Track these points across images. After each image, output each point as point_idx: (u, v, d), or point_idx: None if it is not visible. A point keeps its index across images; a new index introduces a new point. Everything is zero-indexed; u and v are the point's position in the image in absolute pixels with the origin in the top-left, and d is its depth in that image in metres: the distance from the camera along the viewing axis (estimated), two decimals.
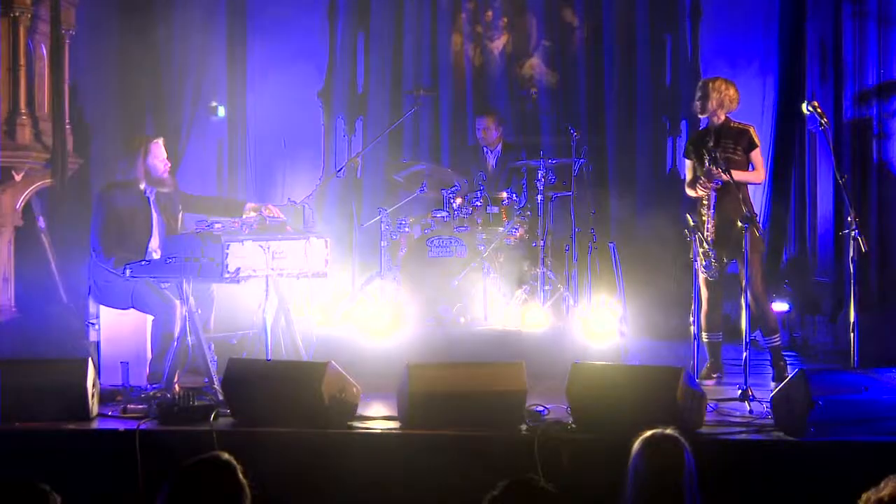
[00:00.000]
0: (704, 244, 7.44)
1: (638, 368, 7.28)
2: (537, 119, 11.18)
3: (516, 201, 9.48)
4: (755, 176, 7.94)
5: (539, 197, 9.09)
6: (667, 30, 11.02)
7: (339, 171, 10.42)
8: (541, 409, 6.50)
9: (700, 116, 8.07)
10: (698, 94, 7.97)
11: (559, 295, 9.01)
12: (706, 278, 7.66)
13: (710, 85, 7.90)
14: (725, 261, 7.78)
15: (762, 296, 7.83)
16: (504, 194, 9.45)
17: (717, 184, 7.64)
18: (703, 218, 7.66)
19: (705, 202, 7.69)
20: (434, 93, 11.09)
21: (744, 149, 7.83)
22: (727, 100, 7.87)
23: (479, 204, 9.30)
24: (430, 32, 11.32)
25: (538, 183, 9.10)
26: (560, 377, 6.47)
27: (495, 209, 9.35)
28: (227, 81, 11.44)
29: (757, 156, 7.90)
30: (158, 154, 7.66)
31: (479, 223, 9.29)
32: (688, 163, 8.09)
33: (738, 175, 7.67)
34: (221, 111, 11.42)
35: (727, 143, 7.77)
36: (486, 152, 10.17)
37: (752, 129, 7.94)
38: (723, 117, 7.88)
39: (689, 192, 8.05)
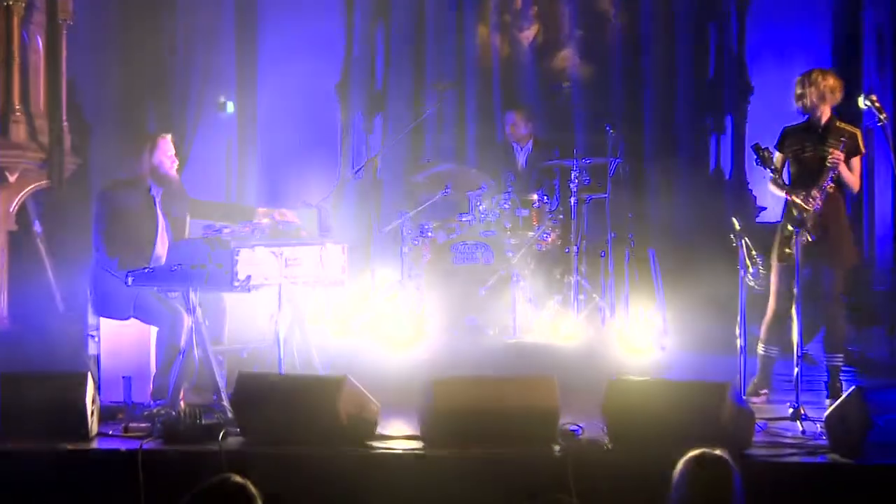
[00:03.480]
0: (752, 250, 7.39)
1: (680, 384, 7.23)
2: (570, 115, 11.17)
3: (548, 204, 9.46)
4: (853, 183, 7.81)
5: (572, 199, 9.08)
6: (710, 18, 11.00)
7: (357, 171, 10.46)
8: (575, 428, 6.47)
9: (805, 114, 7.86)
10: (797, 90, 7.80)
11: (594, 305, 9.00)
12: (777, 287, 7.61)
13: (806, 79, 7.74)
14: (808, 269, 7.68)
15: (839, 310, 7.76)
16: (535, 196, 9.44)
17: (823, 197, 7.52)
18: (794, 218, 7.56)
19: (801, 204, 7.56)
20: (459, 87, 11.11)
21: (848, 152, 7.71)
22: (828, 91, 7.71)
23: (507, 207, 9.29)
24: (454, 23, 11.33)
25: (571, 184, 9.08)
26: (596, 394, 6.44)
27: (525, 212, 9.34)
28: (237, 75, 11.48)
29: (857, 163, 7.74)
30: (166, 150, 7.66)
31: (507, 227, 9.28)
32: (778, 156, 7.93)
33: (843, 175, 7.60)
34: (230, 107, 11.45)
35: (833, 143, 7.64)
36: (516, 151, 10.16)
37: (859, 133, 7.77)
38: (828, 112, 7.76)
39: (774, 189, 7.95)
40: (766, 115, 9.96)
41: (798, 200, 7.51)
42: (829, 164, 7.50)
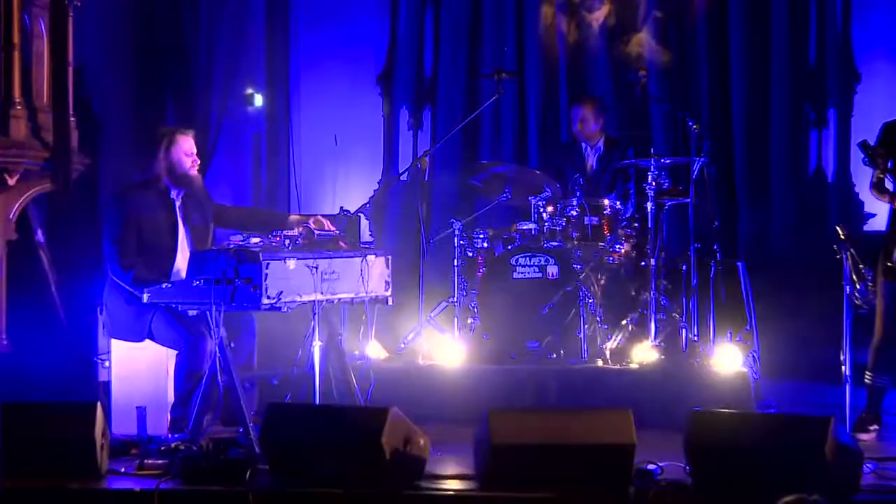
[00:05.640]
0: (859, 263, 7.35)
1: (775, 418, 7.22)
2: (647, 108, 11.14)
3: (621, 210, 9.45)
4: None
5: (649, 205, 9.06)
6: None
7: (403, 173, 10.48)
8: (653, 467, 6.45)
9: None
10: None
11: (674, 326, 8.97)
12: (883, 306, 7.56)
13: None
14: None
15: None
16: (606, 201, 9.43)
17: None
18: None
19: None
20: (519, 77, 11.10)
21: None
22: None
23: (575, 213, 9.29)
24: (514, 3, 11.33)
25: (648, 187, 9.05)
26: (677, 428, 6.42)
27: (595, 220, 9.33)
28: (267, 64, 11.52)
29: None
30: (186, 147, 7.70)
31: (574, 237, 9.27)
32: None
33: None
34: (259, 100, 11.51)
35: None
36: (585, 150, 10.15)
37: None
38: None
39: (876, 195, 7.93)
40: (876, 107, 9.88)
41: None
42: None
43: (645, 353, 8.68)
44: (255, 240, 7.14)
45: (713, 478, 6.14)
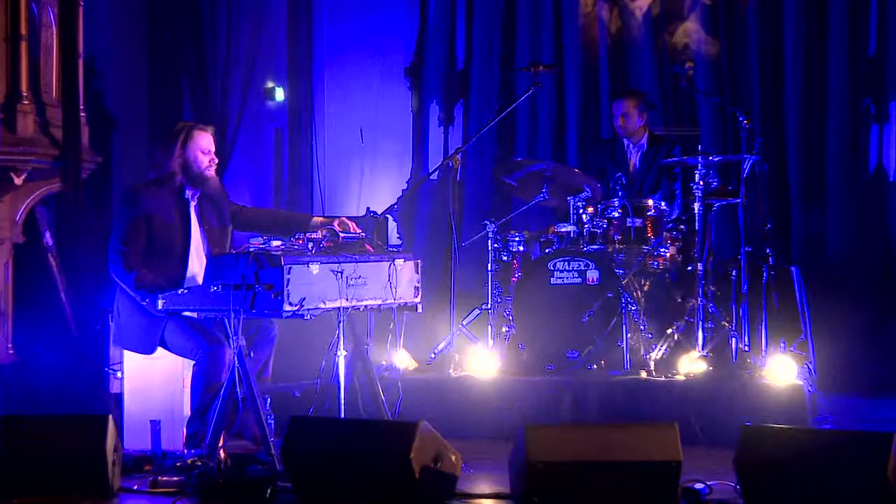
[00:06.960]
0: None
1: (832, 434, 7.20)
2: (694, 102, 11.12)
3: (666, 211, 9.43)
4: None
5: (697, 206, 9.03)
6: None
7: (434, 172, 10.48)
8: (700, 486, 6.44)
9: None
10: None
11: (723, 335, 8.94)
12: None
13: None
14: None
15: None
16: (650, 202, 9.40)
17: None
18: None
19: None
20: (557, 69, 11.08)
21: None
22: None
23: (616, 215, 9.27)
24: None
25: (696, 187, 9.03)
26: (726, 444, 6.40)
27: (638, 221, 9.31)
28: (288, 55, 11.53)
29: None
30: (203, 144, 7.66)
31: (616, 240, 9.26)
32: None
33: None
34: (280, 94, 11.52)
35: None
36: (627, 147, 10.13)
37: None
38: None
39: None
40: None
41: None
42: None
43: (692, 364, 8.65)
44: (276, 243, 7.12)
45: (765, 498, 6.12)
